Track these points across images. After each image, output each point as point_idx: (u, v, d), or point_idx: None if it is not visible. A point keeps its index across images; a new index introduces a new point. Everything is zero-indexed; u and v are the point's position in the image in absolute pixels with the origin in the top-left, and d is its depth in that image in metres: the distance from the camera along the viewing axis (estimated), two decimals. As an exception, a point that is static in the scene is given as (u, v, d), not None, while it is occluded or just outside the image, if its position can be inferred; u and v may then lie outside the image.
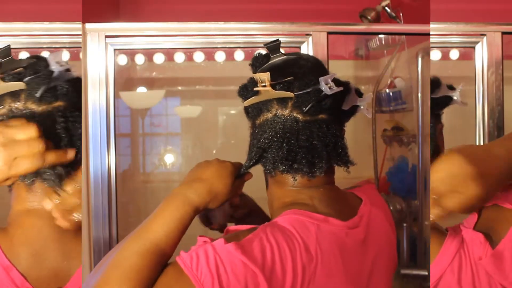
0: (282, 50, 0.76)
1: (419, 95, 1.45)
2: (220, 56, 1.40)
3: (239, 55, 1.37)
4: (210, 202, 0.72)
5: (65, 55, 1.21)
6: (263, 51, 0.78)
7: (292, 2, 1.76)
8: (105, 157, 1.12)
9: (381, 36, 1.58)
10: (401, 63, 1.63)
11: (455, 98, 0.85)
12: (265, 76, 0.69)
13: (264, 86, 0.69)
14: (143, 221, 0.69)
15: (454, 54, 1.35)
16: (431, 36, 1.17)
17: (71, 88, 0.70)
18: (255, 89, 0.71)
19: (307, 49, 1.15)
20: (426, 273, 1.41)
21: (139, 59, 1.45)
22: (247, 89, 0.74)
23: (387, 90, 1.57)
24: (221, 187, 0.73)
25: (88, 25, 1.12)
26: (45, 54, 0.70)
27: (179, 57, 1.42)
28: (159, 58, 1.43)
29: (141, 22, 1.17)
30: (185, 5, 1.74)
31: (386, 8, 1.49)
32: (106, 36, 1.13)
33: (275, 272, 0.60)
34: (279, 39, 0.76)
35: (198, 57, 1.43)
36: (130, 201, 1.73)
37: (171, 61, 1.44)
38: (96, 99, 1.12)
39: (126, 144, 1.83)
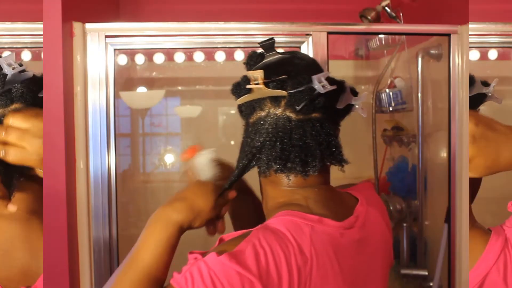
0: (277, 50, 0.75)
1: (419, 95, 1.45)
2: (220, 56, 1.40)
3: (239, 55, 1.37)
4: (193, 220, 0.72)
5: (27, 55, 1.21)
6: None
7: (292, 2, 1.76)
8: (105, 157, 1.12)
9: (381, 36, 1.58)
10: (401, 63, 1.63)
11: (489, 94, 0.84)
12: (258, 74, 0.68)
13: (257, 84, 0.69)
14: (132, 249, 0.69)
15: (492, 54, 1.35)
16: (469, 36, 1.18)
17: (26, 89, 0.70)
18: (248, 86, 0.70)
19: (307, 49, 1.15)
20: (426, 273, 1.41)
21: (139, 59, 1.45)
22: (240, 87, 0.74)
23: (387, 90, 1.57)
24: (202, 204, 0.73)
25: (88, 25, 1.12)
26: (6, 54, 0.69)
27: (179, 57, 1.42)
28: (159, 58, 1.43)
29: (141, 22, 1.17)
30: (185, 5, 1.73)
31: (386, 8, 1.49)
32: (106, 36, 1.13)
33: (271, 277, 0.60)
34: (275, 38, 0.75)
35: (198, 57, 1.43)
36: (130, 201, 1.73)
37: (171, 61, 1.44)
38: (96, 99, 1.12)
39: (126, 144, 1.83)
